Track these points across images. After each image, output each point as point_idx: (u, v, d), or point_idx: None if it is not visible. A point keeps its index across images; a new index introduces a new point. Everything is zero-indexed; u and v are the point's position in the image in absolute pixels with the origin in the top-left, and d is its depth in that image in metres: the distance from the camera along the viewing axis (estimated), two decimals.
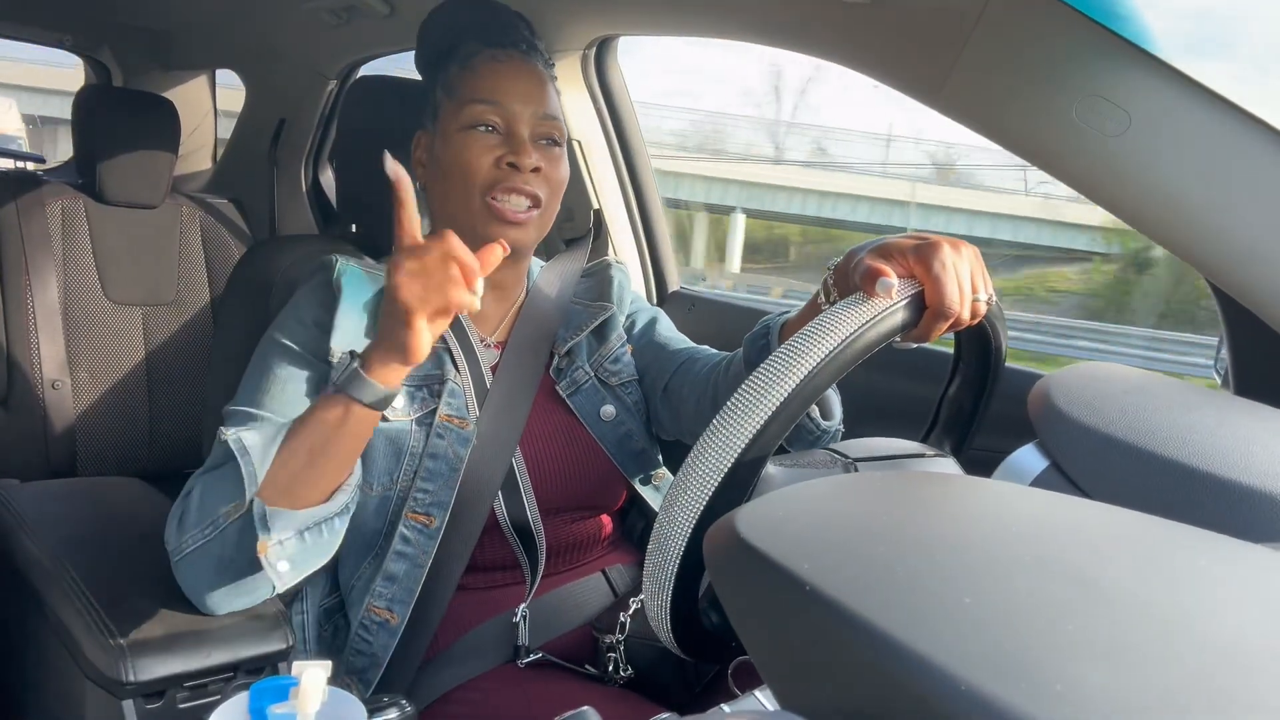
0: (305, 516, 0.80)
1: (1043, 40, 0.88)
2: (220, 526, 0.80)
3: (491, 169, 0.95)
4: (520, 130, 0.97)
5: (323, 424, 0.80)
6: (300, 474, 0.81)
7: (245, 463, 0.80)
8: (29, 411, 1.75)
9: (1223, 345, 0.98)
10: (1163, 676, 0.31)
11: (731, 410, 0.56)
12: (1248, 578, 0.40)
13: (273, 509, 0.79)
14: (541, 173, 0.97)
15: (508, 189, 0.95)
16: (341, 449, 0.81)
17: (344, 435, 0.80)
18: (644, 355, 1.12)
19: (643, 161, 1.71)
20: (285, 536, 0.79)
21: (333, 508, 0.82)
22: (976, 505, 0.48)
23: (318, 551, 0.82)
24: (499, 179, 0.95)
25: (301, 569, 0.81)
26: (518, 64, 1.00)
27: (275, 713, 0.52)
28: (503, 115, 0.96)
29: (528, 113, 0.97)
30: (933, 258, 0.65)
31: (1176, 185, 0.84)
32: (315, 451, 0.81)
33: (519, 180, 0.95)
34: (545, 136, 0.99)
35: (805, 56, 1.17)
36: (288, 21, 1.89)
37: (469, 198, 0.96)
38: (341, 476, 0.83)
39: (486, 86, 0.97)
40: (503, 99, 0.96)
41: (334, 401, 0.80)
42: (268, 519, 0.78)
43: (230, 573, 0.81)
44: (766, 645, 0.41)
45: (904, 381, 1.24)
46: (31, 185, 1.82)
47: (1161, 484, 0.57)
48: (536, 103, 0.98)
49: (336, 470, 0.83)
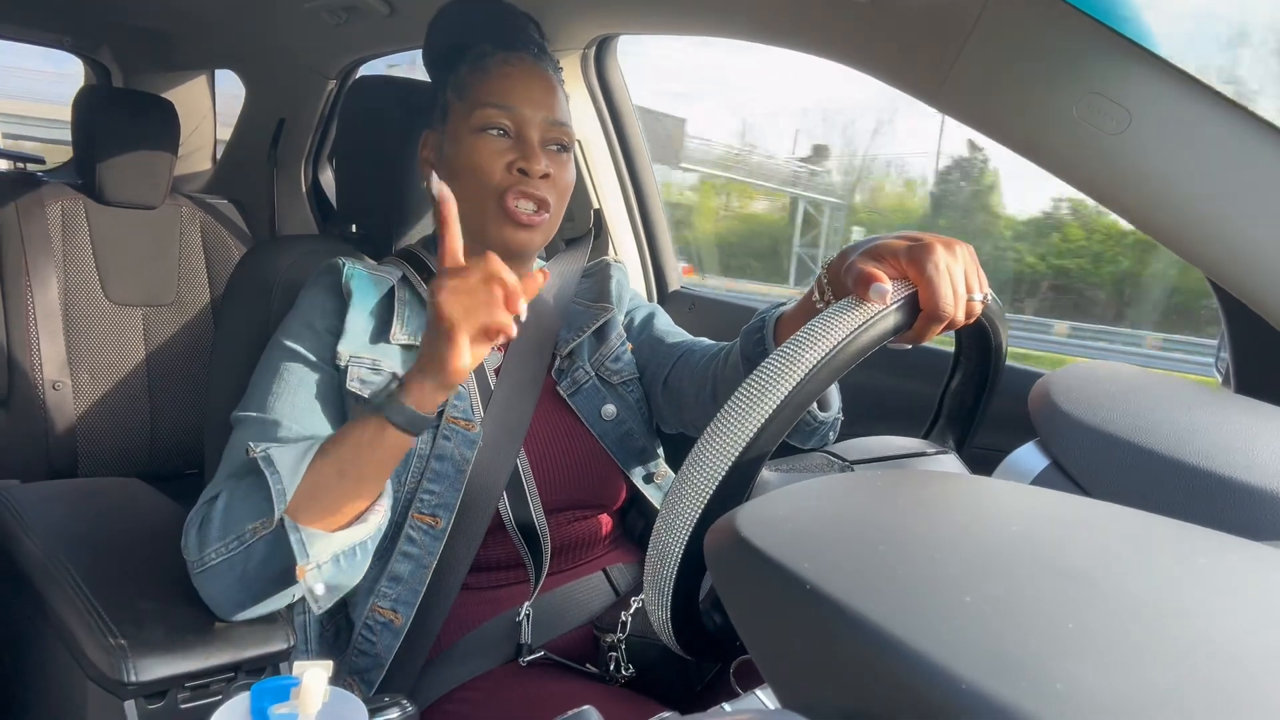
0: (342, 539, 0.80)
1: (1043, 38, 0.88)
2: (247, 542, 0.80)
3: (503, 173, 0.96)
4: (531, 135, 0.97)
5: (355, 444, 0.80)
6: (330, 493, 0.80)
7: (275, 480, 0.80)
8: (30, 412, 1.75)
9: (1223, 343, 0.98)
10: (1164, 675, 0.31)
11: (727, 415, 0.56)
12: (1248, 576, 0.40)
13: (308, 530, 0.79)
14: (550, 178, 0.97)
15: (518, 193, 0.95)
16: (372, 470, 0.81)
17: (375, 456, 0.80)
18: (643, 351, 1.12)
19: (642, 161, 1.71)
20: (323, 560, 0.79)
21: (368, 530, 0.82)
22: (977, 504, 0.48)
23: (351, 573, 0.83)
24: (510, 183, 0.96)
25: (335, 592, 0.82)
26: (529, 67, 1.00)
27: (277, 713, 0.52)
28: (514, 119, 0.97)
29: (539, 118, 0.97)
30: (926, 260, 0.64)
31: (1177, 183, 0.84)
32: (345, 472, 0.80)
33: (529, 186, 0.96)
34: (555, 142, 0.99)
35: (805, 55, 1.17)
36: (287, 21, 1.89)
37: (480, 199, 0.96)
38: (371, 498, 0.83)
39: (498, 90, 0.97)
40: (514, 103, 0.97)
41: (368, 422, 0.80)
42: (305, 542, 0.78)
43: (255, 588, 0.82)
44: (767, 644, 0.41)
45: (903, 380, 1.25)
46: (31, 186, 1.83)
47: (1162, 482, 0.57)
48: (547, 108, 0.98)
49: (366, 491, 0.82)
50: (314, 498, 0.80)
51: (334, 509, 0.81)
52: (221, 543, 0.81)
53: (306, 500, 0.80)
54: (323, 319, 0.94)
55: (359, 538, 0.82)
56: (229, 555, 0.81)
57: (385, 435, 0.80)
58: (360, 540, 0.82)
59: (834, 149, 15.14)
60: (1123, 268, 7.77)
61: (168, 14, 2.10)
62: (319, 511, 0.80)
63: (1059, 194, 6.72)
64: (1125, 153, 0.85)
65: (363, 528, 0.82)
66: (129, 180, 1.86)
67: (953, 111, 0.97)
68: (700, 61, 22.69)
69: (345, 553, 0.81)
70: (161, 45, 2.30)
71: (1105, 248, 7.30)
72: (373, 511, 0.83)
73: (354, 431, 0.81)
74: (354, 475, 0.80)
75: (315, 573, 0.79)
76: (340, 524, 0.81)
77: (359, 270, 0.98)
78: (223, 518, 0.82)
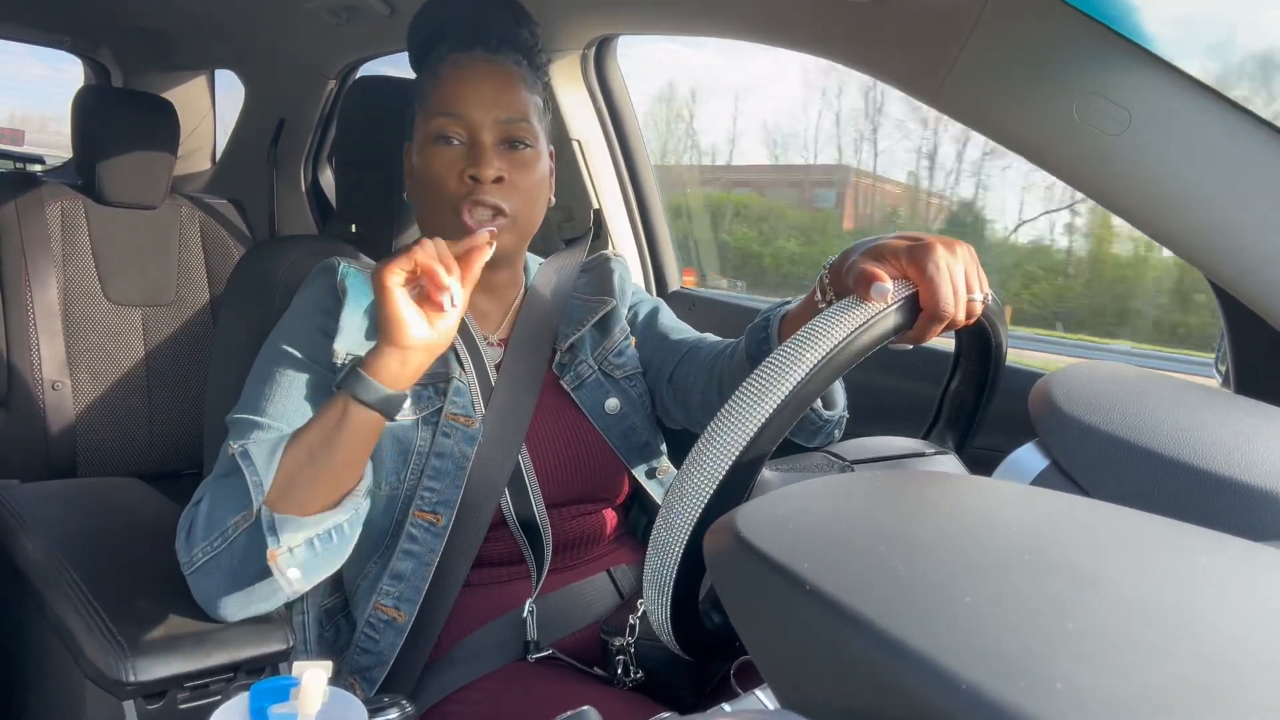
0: (314, 522, 0.80)
1: (1043, 39, 0.88)
2: (230, 537, 0.80)
3: (457, 182, 0.94)
4: (483, 139, 0.95)
5: (324, 426, 0.81)
6: (304, 478, 0.80)
7: (250, 471, 0.80)
8: (29, 412, 1.75)
9: (1223, 343, 0.98)
10: (1163, 675, 0.31)
11: (727, 415, 0.56)
12: (1248, 576, 0.40)
13: (281, 516, 0.79)
14: (505, 181, 0.95)
15: (473, 203, 0.94)
16: (344, 452, 0.81)
17: (345, 437, 0.80)
18: (647, 346, 1.12)
19: (642, 161, 1.71)
20: (295, 544, 0.79)
21: (341, 514, 0.82)
22: (977, 504, 0.48)
23: (328, 558, 0.83)
24: (464, 193, 0.94)
25: (312, 576, 0.82)
26: (481, 67, 0.97)
27: (276, 713, 0.52)
28: (465, 125, 0.95)
29: (489, 119, 0.95)
30: (926, 259, 0.65)
31: (1177, 183, 0.84)
32: (316, 455, 0.80)
33: (481, 194, 0.93)
34: (511, 139, 0.96)
35: (805, 55, 1.17)
36: (287, 21, 1.89)
37: (441, 211, 0.96)
38: (348, 482, 0.83)
39: (449, 97, 0.96)
40: (463, 108, 0.95)
41: (335, 402, 0.81)
42: (276, 526, 0.78)
43: (243, 582, 0.81)
44: (766, 644, 0.41)
45: (903, 380, 1.25)
46: (30, 186, 1.82)
47: (1162, 482, 0.57)
48: (501, 107, 0.96)
49: (342, 475, 0.82)
50: (290, 485, 0.80)
51: (311, 495, 0.81)
52: (206, 541, 0.81)
53: (284, 489, 0.80)
54: (317, 319, 0.94)
55: (333, 521, 0.81)
56: (214, 553, 0.81)
57: (351, 413, 0.80)
58: (336, 523, 0.82)
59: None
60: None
61: (167, 14, 2.10)
62: (295, 499, 0.80)
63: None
64: (1125, 153, 0.85)
65: (338, 511, 0.82)
66: (128, 180, 1.86)
67: (953, 112, 0.97)
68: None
69: (320, 536, 0.81)
70: (161, 45, 2.30)
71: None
72: (350, 497, 0.83)
73: (324, 414, 0.81)
74: (325, 459, 0.80)
75: (287, 557, 0.79)
76: (317, 509, 0.81)
77: (354, 270, 0.98)
78: (206, 517, 0.82)
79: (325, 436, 0.80)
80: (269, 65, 2.15)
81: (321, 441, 0.81)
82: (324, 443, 0.80)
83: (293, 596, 0.82)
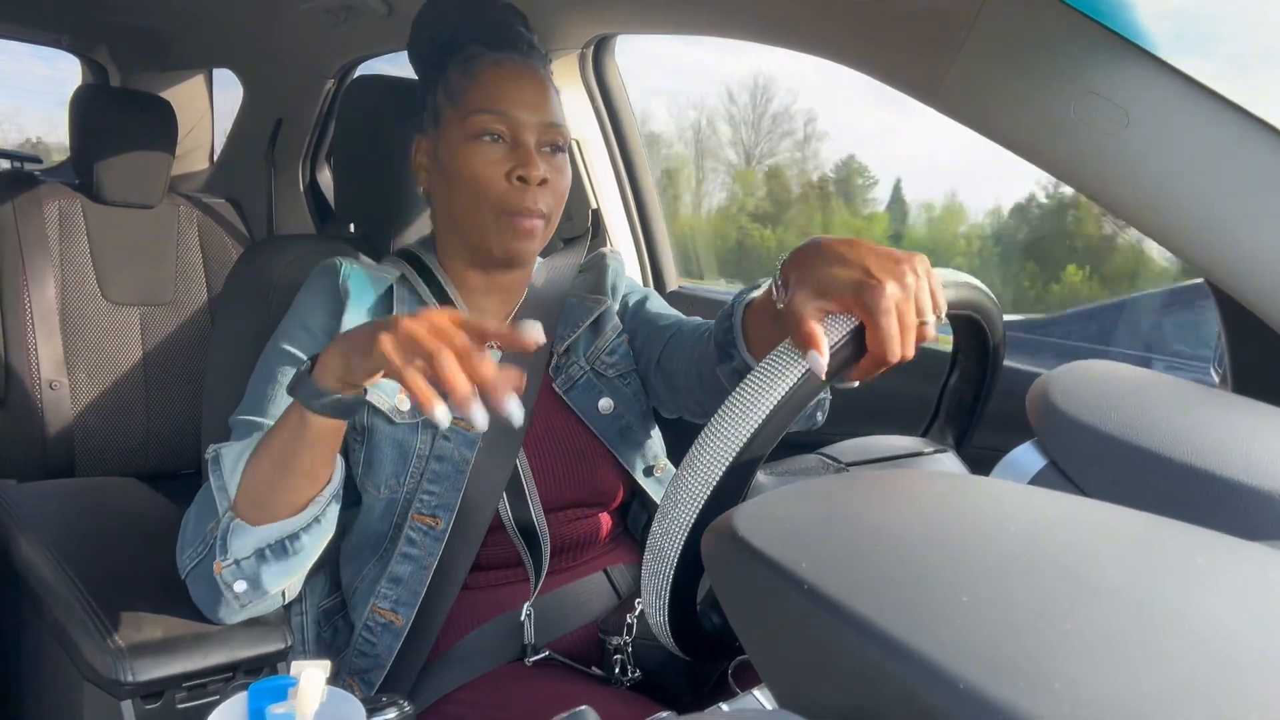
0: (264, 534, 0.78)
1: (1040, 38, 0.88)
2: (209, 543, 0.80)
3: (502, 183, 0.94)
4: (527, 140, 0.95)
5: (281, 431, 0.78)
6: (264, 486, 0.79)
7: (216, 476, 0.80)
8: (27, 412, 1.75)
9: (1221, 343, 0.98)
10: (1160, 675, 0.31)
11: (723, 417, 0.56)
12: (1246, 576, 0.40)
13: (235, 525, 0.78)
14: (548, 183, 0.96)
15: (520, 205, 0.94)
16: (303, 458, 0.77)
17: (302, 443, 0.76)
18: (638, 335, 1.11)
19: (640, 161, 1.71)
20: (242, 556, 0.78)
21: (296, 523, 0.79)
22: (974, 503, 0.48)
23: (283, 570, 0.80)
24: (510, 194, 0.94)
25: (263, 588, 0.80)
26: (519, 68, 0.98)
27: (274, 713, 0.52)
28: (508, 125, 0.95)
29: (533, 121, 0.96)
30: (878, 301, 0.60)
31: (1174, 182, 0.84)
32: (275, 461, 0.78)
33: (528, 199, 0.94)
34: (550, 144, 0.98)
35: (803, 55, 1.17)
36: (285, 21, 1.88)
37: (479, 210, 0.95)
38: (311, 488, 0.80)
39: (491, 94, 0.96)
40: (508, 108, 0.95)
41: (291, 408, 0.77)
42: (227, 538, 0.78)
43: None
44: (764, 644, 0.41)
45: (902, 380, 1.24)
46: (28, 185, 1.82)
47: (1160, 482, 0.57)
48: (541, 111, 0.97)
49: (302, 481, 0.79)
50: (252, 491, 0.79)
51: (271, 502, 0.79)
52: (193, 547, 0.81)
53: (248, 495, 0.79)
54: (320, 320, 0.94)
55: (283, 532, 0.79)
56: (199, 559, 0.81)
57: (304, 420, 0.75)
58: (288, 533, 0.79)
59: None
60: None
61: (165, 13, 2.10)
62: (256, 506, 0.79)
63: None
64: (1123, 152, 0.85)
65: (289, 521, 0.79)
66: (126, 179, 1.86)
67: (950, 111, 0.97)
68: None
69: (272, 547, 0.79)
70: (159, 44, 2.30)
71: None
72: (312, 503, 0.80)
73: (282, 419, 0.78)
74: (284, 466, 0.78)
75: (233, 569, 0.78)
76: (284, 514, 0.79)
77: (356, 269, 0.97)
78: (194, 522, 0.82)
79: (283, 444, 0.77)
80: (267, 64, 2.14)
81: (281, 449, 0.78)
82: (283, 450, 0.77)
83: (238, 607, 0.80)
